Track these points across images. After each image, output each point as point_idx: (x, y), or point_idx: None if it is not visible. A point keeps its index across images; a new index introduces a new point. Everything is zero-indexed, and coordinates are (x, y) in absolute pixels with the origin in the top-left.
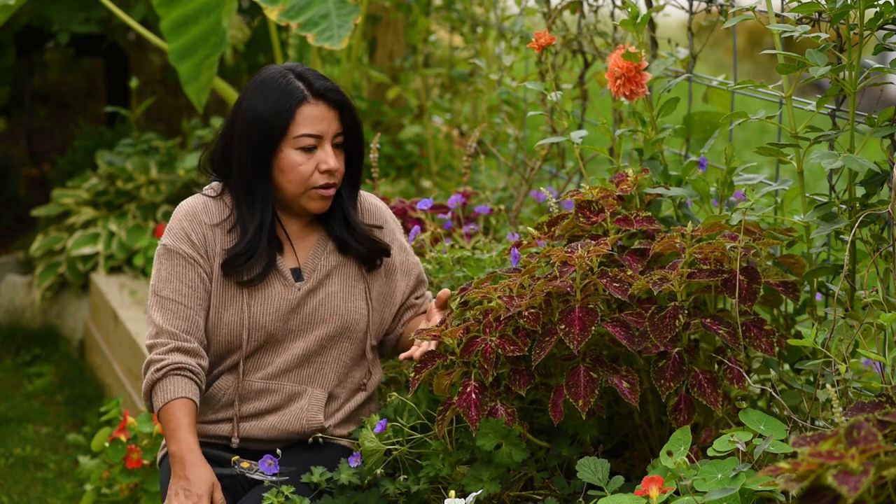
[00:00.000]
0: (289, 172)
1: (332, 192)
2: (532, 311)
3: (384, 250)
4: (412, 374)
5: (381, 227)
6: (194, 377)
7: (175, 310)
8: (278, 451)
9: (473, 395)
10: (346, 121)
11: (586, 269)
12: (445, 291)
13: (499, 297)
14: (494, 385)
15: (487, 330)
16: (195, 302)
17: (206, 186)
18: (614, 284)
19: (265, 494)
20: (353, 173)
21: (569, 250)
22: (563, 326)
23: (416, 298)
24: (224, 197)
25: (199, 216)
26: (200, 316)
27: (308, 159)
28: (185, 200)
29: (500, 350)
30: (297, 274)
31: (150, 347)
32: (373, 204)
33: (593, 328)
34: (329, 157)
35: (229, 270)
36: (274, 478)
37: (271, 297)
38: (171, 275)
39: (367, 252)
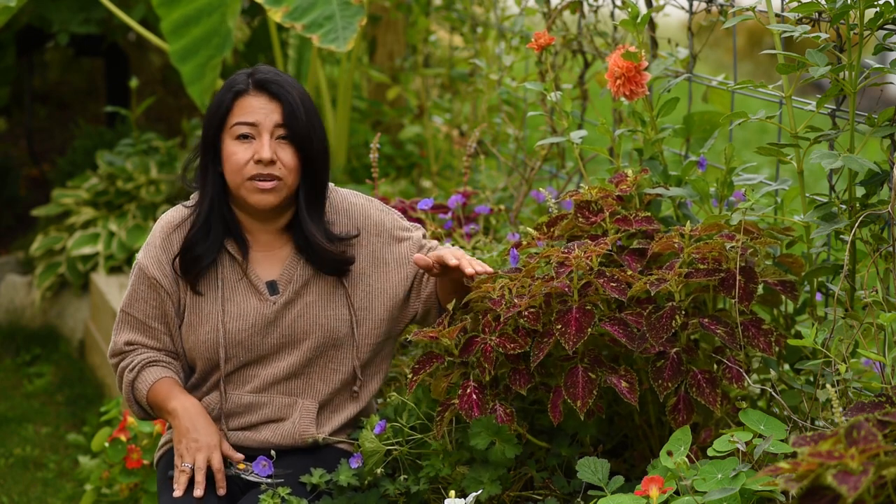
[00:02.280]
0: (226, 162)
1: (269, 185)
2: (532, 310)
3: (347, 261)
4: (409, 375)
5: (356, 236)
6: (169, 366)
7: (140, 328)
8: (273, 452)
9: (474, 396)
10: (288, 115)
11: (585, 269)
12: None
13: (499, 297)
14: (493, 386)
15: (486, 329)
16: (160, 322)
17: (192, 196)
18: (611, 284)
19: (261, 497)
20: (312, 182)
21: (565, 251)
22: (559, 327)
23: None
24: (196, 207)
25: (174, 234)
26: (166, 335)
27: (245, 150)
28: (165, 213)
29: (500, 349)
30: (273, 287)
31: (117, 355)
32: (352, 203)
33: (590, 329)
34: (264, 148)
35: (184, 267)
36: (270, 480)
37: (246, 313)
38: (138, 294)
39: (329, 268)
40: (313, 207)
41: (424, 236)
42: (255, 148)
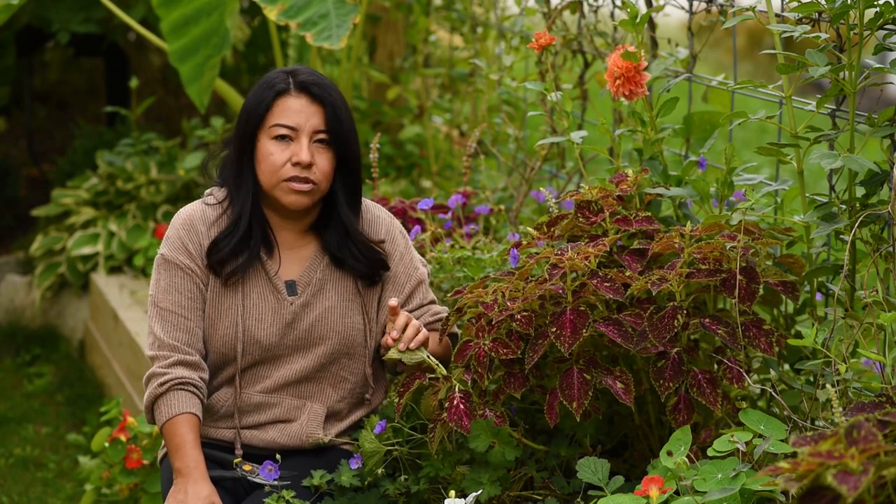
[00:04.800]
0: (262, 162)
1: (305, 187)
2: (525, 314)
3: (384, 264)
4: (396, 400)
5: (383, 242)
6: (197, 391)
7: (175, 322)
8: (278, 456)
9: (462, 406)
10: (331, 120)
11: (584, 269)
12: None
13: (492, 301)
14: (481, 395)
15: (480, 334)
16: (194, 313)
17: (206, 192)
18: (605, 284)
19: (266, 500)
20: (350, 181)
21: (558, 253)
22: (554, 329)
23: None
24: (224, 204)
25: (196, 225)
26: (200, 327)
27: (282, 150)
28: (183, 208)
29: (493, 353)
30: (292, 287)
31: (152, 359)
32: (375, 215)
33: (584, 330)
34: (302, 150)
35: (213, 259)
36: (275, 482)
37: (265, 311)
38: (170, 286)
39: (365, 268)
40: (352, 208)
41: (430, 274)
42: (294, 150)
